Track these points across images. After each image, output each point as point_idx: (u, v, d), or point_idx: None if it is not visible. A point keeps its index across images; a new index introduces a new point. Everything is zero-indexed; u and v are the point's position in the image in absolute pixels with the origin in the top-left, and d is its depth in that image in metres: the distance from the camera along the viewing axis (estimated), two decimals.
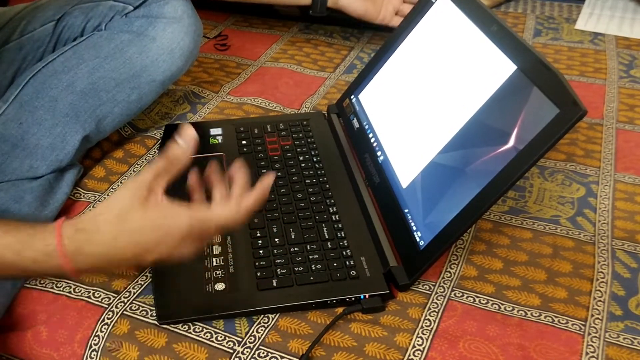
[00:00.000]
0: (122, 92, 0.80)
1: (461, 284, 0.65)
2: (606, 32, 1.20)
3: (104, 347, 0.58)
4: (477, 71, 0.65)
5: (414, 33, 0.79)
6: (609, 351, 0.57)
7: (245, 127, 0.86)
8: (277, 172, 0.76)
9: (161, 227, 0.52)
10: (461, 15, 0.71)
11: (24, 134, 0.73)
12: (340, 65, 1.09)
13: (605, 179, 0.79)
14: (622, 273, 0.65)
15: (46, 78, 0.76)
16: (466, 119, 0.63)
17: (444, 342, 0.58)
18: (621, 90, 1.00)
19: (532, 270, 0.66)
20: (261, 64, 1.10)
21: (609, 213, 0.74)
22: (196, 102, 0.97)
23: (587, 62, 1.09)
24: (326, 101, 0.97)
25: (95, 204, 0.76)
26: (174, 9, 0.83)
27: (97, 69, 0.78)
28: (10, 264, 0.52)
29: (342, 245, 0.66)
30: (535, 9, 1.32)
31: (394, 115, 0.76)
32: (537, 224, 0.72)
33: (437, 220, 0.61)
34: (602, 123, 0.91)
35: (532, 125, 0.55)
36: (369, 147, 0.77)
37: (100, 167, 0.82)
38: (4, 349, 0.61)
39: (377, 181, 0.73)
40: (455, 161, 0.63)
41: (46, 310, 0.62)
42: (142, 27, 0.82)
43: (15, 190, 0.70)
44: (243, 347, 0.58)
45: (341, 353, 0.57)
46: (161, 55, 0.82)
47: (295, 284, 0.62)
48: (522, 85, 0.58)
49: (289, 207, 0.71)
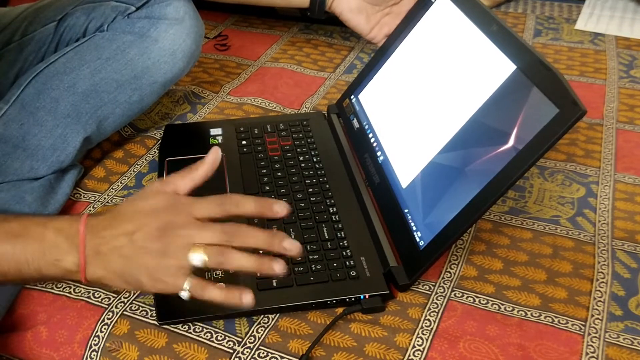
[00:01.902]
0: (124, 94, 0.80)
1: (461, 284, 0.65)
2: (606, 32, 1.20)
3: (104, 348, 0.58)
4: (476, 71, 0.65)
5: (414, 33, 0.79)
6: (609, 351, 0.57)
7: (245, 127, 0.86)
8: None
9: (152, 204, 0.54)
10: (461, 15, 0.71)
11: (25, 134, 0.73)
12: (340, 66, 1.09)
13: (605, 179, 0.79)
14: (622, 273, 0.65)
15: (48, 79, 0.76)
16: (466, 118, 0.63)
17: (444, 342, 0.58)
18: (621, 90, 1.00)
19: (532, 271, 0.66)
20: (261, 64, 1.10)
21: (609, 213, 0.74)
22: (196, 102, 0.98)
23: (587, 62, 1.09)
24: (326, 101, 0.97)
25: (95, 204, 0.76)
26: (176, 11, 0.83)
27: (98, 70, 0.78)
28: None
29: (342, 245, 0.66)
30: (535, 9, 1.32)
31: (393, 115, 0.76)
32: (537, 224, 0.72)
33: (437, 221, 0.61)
34: (602, 123, 0.91)
35: (532, 125, 0.55)
36: (369, 147, 0.77)
37: (100, 167, 0.82)
38: (4, 349, 0.61)
39: (377, 181, 0.73)
40: (455, 161, 0.63)
41: (46, 311, 0.62)
42: (144, 28, 0.82)
43: (16, 191, 0.70)
44: (243, 347, 0.58)
45: (341, 353, 0.57)
46: (163, 56, 0.82)
47: (295, 284, 0.62)
48: (521, 85, 0.58)
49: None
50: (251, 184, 0.75)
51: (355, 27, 1.03)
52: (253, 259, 0.52)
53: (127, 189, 0.79)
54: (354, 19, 1.02)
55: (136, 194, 0.57)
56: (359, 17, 1.02)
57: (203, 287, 0.52)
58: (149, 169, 0.83)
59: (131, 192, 0.78)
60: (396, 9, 1.03)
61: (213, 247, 0.51)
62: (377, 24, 1.03)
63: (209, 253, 0.51)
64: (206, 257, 0.51)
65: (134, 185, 0.80)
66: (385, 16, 1.03)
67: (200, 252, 0.51)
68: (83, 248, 0.52)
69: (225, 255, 0.51)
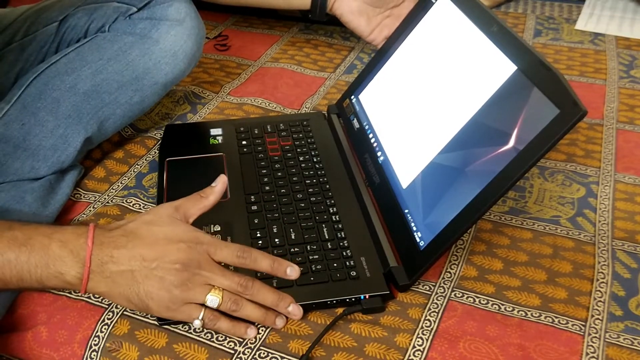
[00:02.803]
0: (125, 95, 0.80)
1: (461, 284, 0.65)
2: (606, 33, 1.20)
3: (104, 348, 0.58)
4: (477, 71, 0.65)
5: (414, 33, 0.79)
6: (609, 351, 0.57)
7: (245, 127, 0.86)
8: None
9: (167, 235, 0.56)
10: (461, 15, 0.71)
11: (26, 135, 0.73)
12: (340, 66, 1.09)
13: (605, 179, 0.79)
14: (622, 273, 0.65)
15: (49, 79, 0.76)
16: (466, 119, 0.63)
17: (444, 343, 0.58)
18: (621, 90, 1.00)
19: (532, 271, 0.66)
20: (261, 64, 1.10)
21: (609, 213, 0.74)
22: (196, 103, 0.98)
23: (587, 63, 1.09)
24: (326, 101, 0.97)
25: (95, 204, 0.76)
26: (177, 12, 0.83)
27: (100, 71, 0.78)
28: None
29: (342, 245, 0.66)
30: (535, 9, 1.32)
31: (394, 115, 0.76)
32: (537, 224, 0.72)
33: (437, 221, 0.61)
34: (602, 123, 0.91)
35: (532, 126, 0.55)
36: (369, 148, 0.77)
37: (100, 168, 0.82)
38: (4, 349, 0.61)
39: (377, 181, 0.73)
40: (456, 161, 0.63)
41: (46, 311, 0.62)
42: (146, 29, 0.82)
43: (16, 191, 0.70)
44: (244, 348, 0.58)
45: (341, 353, 0.57)
46: (164, 57, 0.82)
47: (296, 284, 0.62)
48: (522, 85, 0.58)
49: (289, 207, 0.72)
50: (251, 184, 0.75)
51: (356, 29, 1.04)
52: (261, 313, 0.58)
53: (127, 189, 0.79)
54: (354, 21, 1.03)
55: (147, 214, 0.58)
56: (360, 19, 1.02)
57: (214, 319, 0.56)
58: (149, 169, 0.83)
59: (131, 192, 0.78)
60: (397, 12, 1.04)
61: (229, 293, 0.56)
62: (378, 26, 1.03)
63: (225, 299, 0.56)
64: (221, 301, 0.55)
65: (134, 185, 0.80)
66: (385, 18, 1.04)
67: (218, 295, 0.55)
68: (89, 263, 0.53)
69: (239, 304, 0.56)
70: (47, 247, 0.53)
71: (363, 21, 1.02)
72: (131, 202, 0.76)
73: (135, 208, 0.75)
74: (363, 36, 1.05)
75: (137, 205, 0.76)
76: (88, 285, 0.54)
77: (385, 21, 1.03)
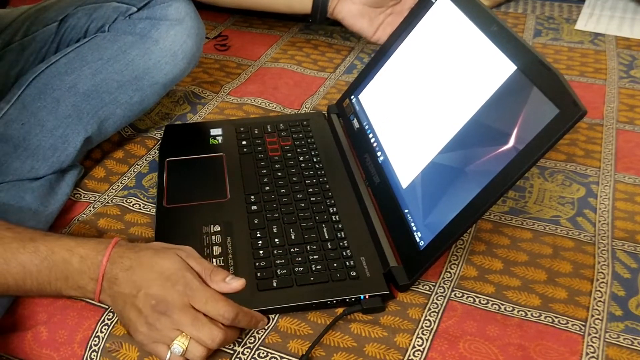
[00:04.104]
0: (125, 94, 0.80)
1: (461, 284, 0.65)
2: (606, 33, 1.20)
3: (104, 348, 0.58)
4: (477, 71, 0.65)
5: (414, 33, 0.79)
6: (609, 351, 0.57)
7: (245, 127, 0.86)
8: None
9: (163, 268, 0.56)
10: (461, 15, 0.71)
11: (26, 134, 0.73)
12: (340, 66, 1.09)
13: (605, 179, 0.79)
14: (622, 273, 0.65)
15: (49, 79, 0.76)
16: (466, 119, 0.63)
17: (444, 343, 0.58)
18: (621, 90, 1.00)
19: (532, 271, 0.66)
20: (261, 64, 1.10)
21: (609, 213, 0.74)
22: (196, 103, 0.98)
23: (587, 63, 1.09)
24: (326, 101, 0.97)
25: (95, 204, 0.76)
26: (177, 11, 0.83)
27: (100, 70, 0.78)
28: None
29: (342, 245, 0.66)
30: (535, 9, 1.32)
31: (394, 115, 0.76)
32: (537, 224, 0.72)
33: (437, 221, 0.61)
34: (602, 123, 0.91)
35: (532, 126, 0.55)
36: (369, 147, 0.77)
37: (100, 168, 0.82)
38: (4, 349, 0.61)
39: (377, 181, 0.73)
40: (455, 161, 0.63)
41: (46, 311, 0.62)
42: (145, 29, 0.82)
43: (16, 191, 0.70)
44: (243, 348, 0.58)
45: (341, 353, 0.57)
46: (164, 57, 0.82)
47: (295, 284, 0.62)
48: (522, 85, 0.58)
49: (289, 207, 0.72)
50: (251, 184, 0.75)
51: (359, 31, 1.04)
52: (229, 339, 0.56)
53: (127, 189, 0.79)
54: (357, 24, 1.02)
55: (170, 249, 0.57)
56: (362, 21, 1.02)
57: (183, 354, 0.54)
58: (149, 169, 0.83)
59: (131, 192, 0.78)
60: (398, 8, 1.03)
61: (197, 345, 0.53)
62: (381, 25, 1.03)
63: (191, 348, 0.53)
64: (185, 351, 0.53)
65: (134, 185, 0.80)
66: (387, 17, 1.03)
67: (183, 345, 0.53)
68: (101, 278, 0.55)
69: (203, 355, 0.54)
70: (68, 262, 0.55)
71: (365, 23, 1.02)
72: (131, 202, 0.76)
73: (135, 208, 0.75)
74: (367, 37, 1.04)
75: (137, 205, 0.76)
76: (100, 296, 0.56)
77: (387, 19, 1.03)
